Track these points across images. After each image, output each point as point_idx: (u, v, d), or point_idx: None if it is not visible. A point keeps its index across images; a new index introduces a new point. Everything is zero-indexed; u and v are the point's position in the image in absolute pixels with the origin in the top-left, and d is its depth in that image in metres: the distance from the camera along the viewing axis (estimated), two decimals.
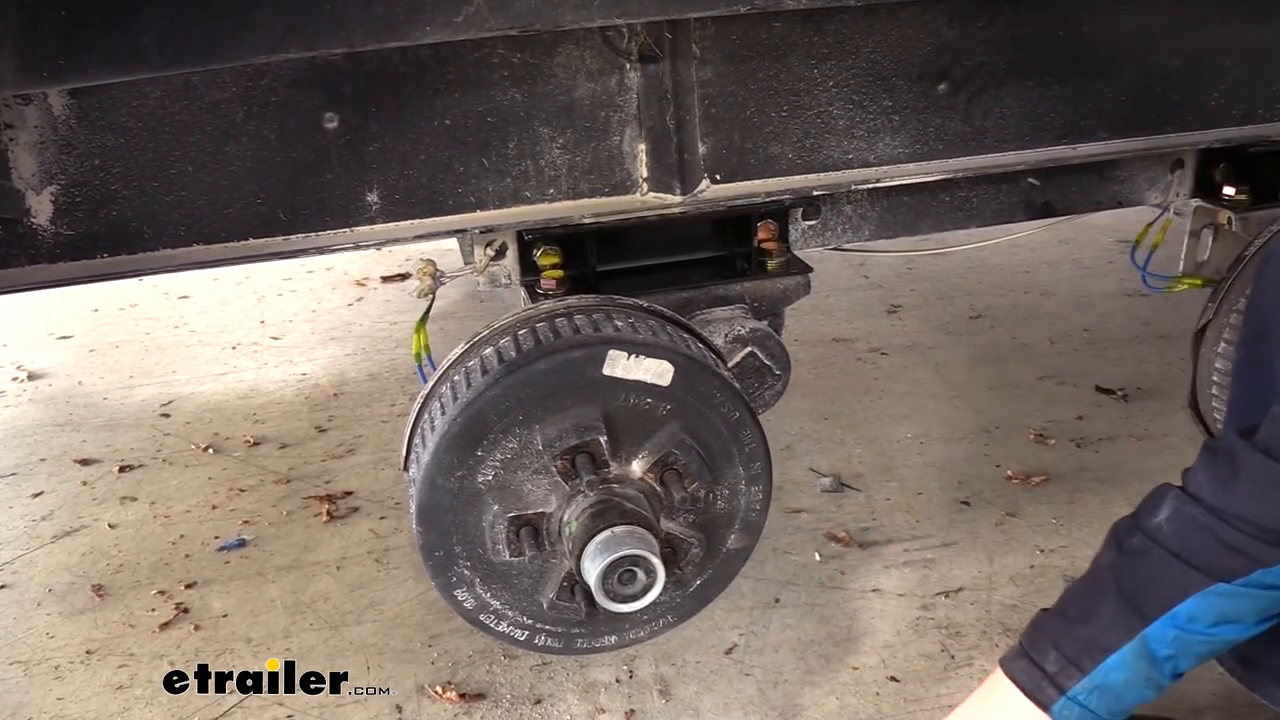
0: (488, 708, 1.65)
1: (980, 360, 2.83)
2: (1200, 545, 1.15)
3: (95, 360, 3.27)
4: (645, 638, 1.50)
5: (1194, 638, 1.15)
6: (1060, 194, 1.84)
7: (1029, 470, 2.24)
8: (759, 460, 1.41)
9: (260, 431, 2.66)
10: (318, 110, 1.30)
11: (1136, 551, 1.20)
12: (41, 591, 2.02)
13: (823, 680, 1.68)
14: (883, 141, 1.52)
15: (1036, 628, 1.25)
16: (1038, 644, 1.23)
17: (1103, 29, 1.53)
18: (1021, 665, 1.23)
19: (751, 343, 1.54)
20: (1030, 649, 1.23)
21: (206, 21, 1.01)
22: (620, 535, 1.25)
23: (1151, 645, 1.16)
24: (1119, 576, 1.20)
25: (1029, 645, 1.24)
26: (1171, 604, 1.14)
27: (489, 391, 1.26)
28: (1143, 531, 1.20)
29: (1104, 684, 1.17)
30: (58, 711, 1.69)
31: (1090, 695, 1.18)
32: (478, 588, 1.37)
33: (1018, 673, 1.23)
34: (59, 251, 1.28)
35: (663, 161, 1.44)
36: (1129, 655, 1.16)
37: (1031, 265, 3.60)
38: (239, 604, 1.94)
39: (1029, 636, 1.25)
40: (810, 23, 1.41)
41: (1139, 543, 1.20)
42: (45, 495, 2.39)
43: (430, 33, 1.08)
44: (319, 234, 1.37)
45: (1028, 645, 1.24)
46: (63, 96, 1.21)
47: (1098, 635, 1.19)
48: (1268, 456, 1.11)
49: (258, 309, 3.66)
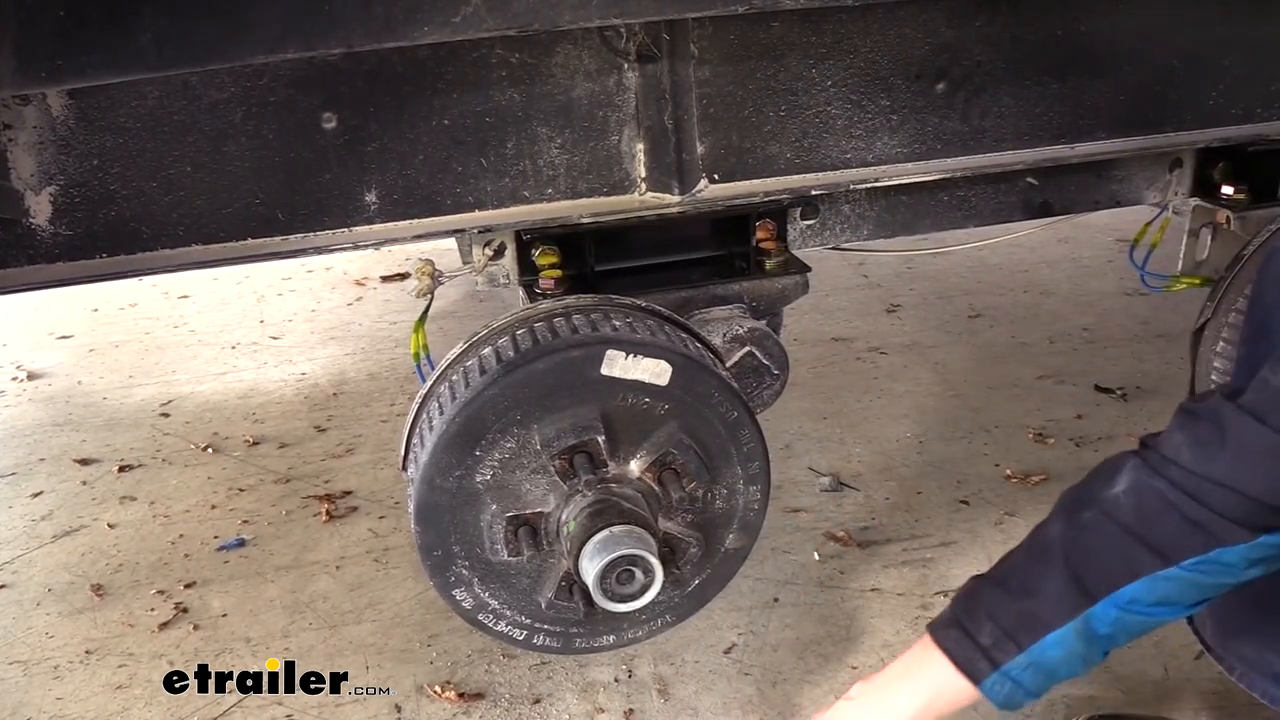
0: (486, 707, 1.65)
1: (979, 359, 2.83)
2: (1160, 522, 1.10)
3: (95, 360, 3.27)
4: (644, 637, 1.50)
5: (1134, 618, 1.12)
6: (1059, 193, 1.84)
7: (1028, 469, 2.24)
8: (757, 460, 1.41)
9: (259, 431, 2.66)
10: (316, 110, 1.30)
11: (1088, 526, 1.15)
12: (41, 591, 2.02)
13: (822, 680, 1.68)
14: (881, 141, 1.52)
15: (971, 596, 1.20)
16: (973, 614, 1.18)
17: (1101, 28, 1.53)
18: (953, 635, 1.18)
19: (750, 342, 1.54)
20: (964, 618, 1.18)
21: (205, 22, 1.01)
22: (618, 535, 1.25)
23: (1093, 624, 1.13)
24: (1067, 551, 1.15)
25: (963, 615, 1.19)
26: (1119, 585, 1.11)
27: (487, 391, 1.26)
28: (1096, 504, 1.15)
29: (1039, 661, 1.14)
30: (57, 711, 1.69)
31: (1024, 671, 1.15)
32: (476, 587, 1.38)
33: (949, 643, 1.18)
34: (58, 252, 1.28)
35: (661, 161, 1.44)
36: (1069, 634, 1.14)
37: (1030, 264, 3.61)
38: (238, 603, 1.95)
39: (963, 605, 1.20)
40: (808, 22, 1.41)
41: (1091, 517, 1.15)
42: (45, 495, 2.40)
43: (428, 33, 1.08)
44: (318, 234, 1.37)
45: (961, 614, 1.19)
46: (61, 97, 1.21)
47: (1039, 611, 1.15)
48: (1258, 421, 1.06)
49: (257, 309, 3.66)
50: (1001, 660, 1.15)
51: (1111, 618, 1.12)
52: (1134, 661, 1.67)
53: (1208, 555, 1.07)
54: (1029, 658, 1.14)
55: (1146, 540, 1.10)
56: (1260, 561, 1.08)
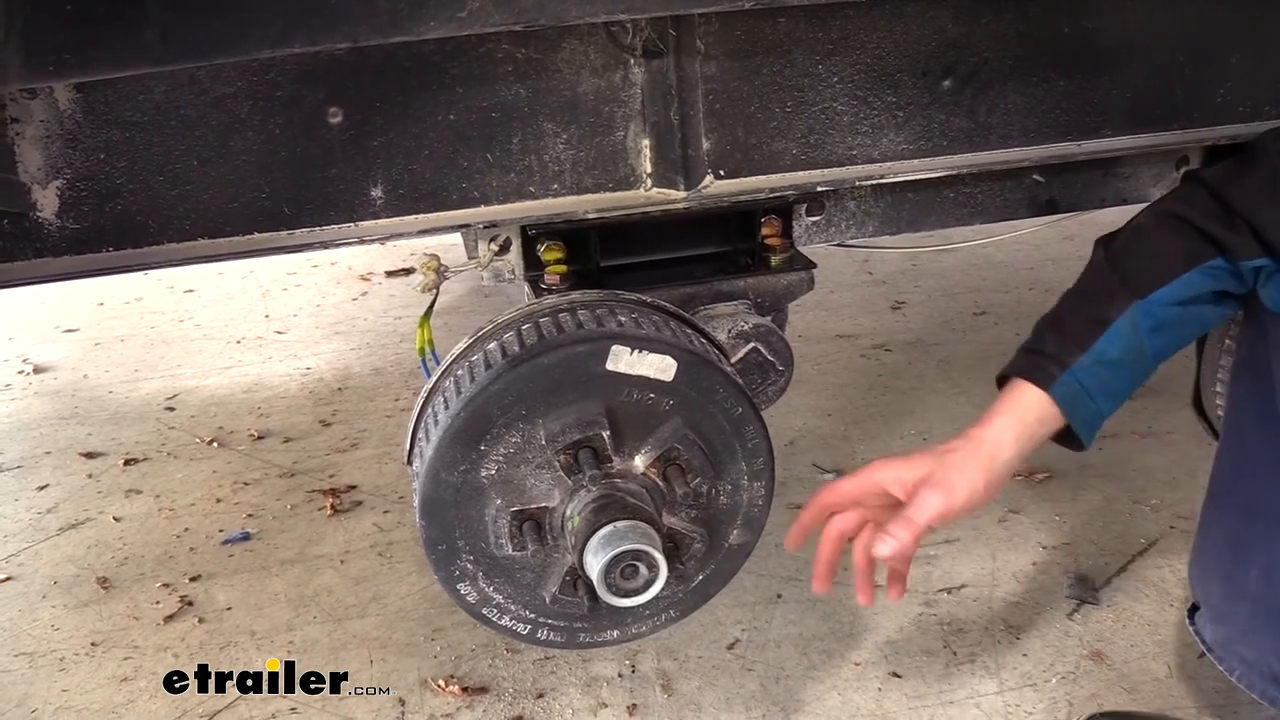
0: (490, 701, 1.65)
1: (984, 357, 2.83)
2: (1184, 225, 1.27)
3: (100, 354, 3.28)
4: (647, 632, 1.50)
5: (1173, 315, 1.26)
6: (1065, 190, 1.84)
7: (1032, 467, 2.24)
8: (762, 456, 1.41)
9: (264, 425, 2.67)
10: (322, 105, 1.30)
11: (1122, 244, 1.33)
12: (47, 584, 2.03)
13: (825, 676, 1.68)
14: (887, 137, 1.52)
15: (1034, 331, 1.32)
16: (1036, 338, 1.29)
17: (1108, 25, 1.53)
18: (1021, 359, 1.28)
19: (755, 338, 1.54)
20: (1029, 345, 1.29)
21: (211, 16, 1.01)
22: (623, 530, 1.25)
23: (1140, 319, 1.25)
24: (1111, 263, 1.31)
25: (1027, 344, 1.30)
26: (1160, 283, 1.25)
27: (492, 386, 1.27)
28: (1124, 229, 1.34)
29: (1101, 359, 1.24)
30: (63, 703, 1.70)
31: (1088, 372, 1.24)
32: (481, 582, 1.38)
33: (1017, 366, 1.27)
34: (65, 245, 1.28)
35: (667, 157, 1.44)
36: (1124, 327, 1.25)
37: (1036, 262, 3.60)
38: (243, 597, 1.95)
39: (1027, 341, 1.31)
40: (814, 18, 1.41)
41: (1125, 235, 1.33)
42: (51, 488, 2.40)
43: (434, 28, 1.08)
44: (323, 229, 1.37)
45: (1026, 345, 1.30)
46: (68, 91, 1.21)
47: (1094, 313, 1.26)
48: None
49: (262, 303, 3.67)
50: (1069, 360, 1.25)
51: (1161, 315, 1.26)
52: (1137, 660, 1.67)
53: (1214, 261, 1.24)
54: (1091, 357, 1.24)
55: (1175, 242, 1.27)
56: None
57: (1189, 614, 1.45)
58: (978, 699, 1.61)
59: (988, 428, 1.23)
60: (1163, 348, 1.29)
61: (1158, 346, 1.28)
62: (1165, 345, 1.29)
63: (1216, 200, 1.26)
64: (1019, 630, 1.76)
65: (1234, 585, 1.34)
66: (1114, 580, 1.89)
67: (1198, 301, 1.27)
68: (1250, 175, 1.25)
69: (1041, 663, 1.68)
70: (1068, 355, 1.24)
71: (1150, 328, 1.25)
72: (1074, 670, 1.66)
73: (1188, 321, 1.29)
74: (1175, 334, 1.29)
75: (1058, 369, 1.24)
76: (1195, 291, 1.26)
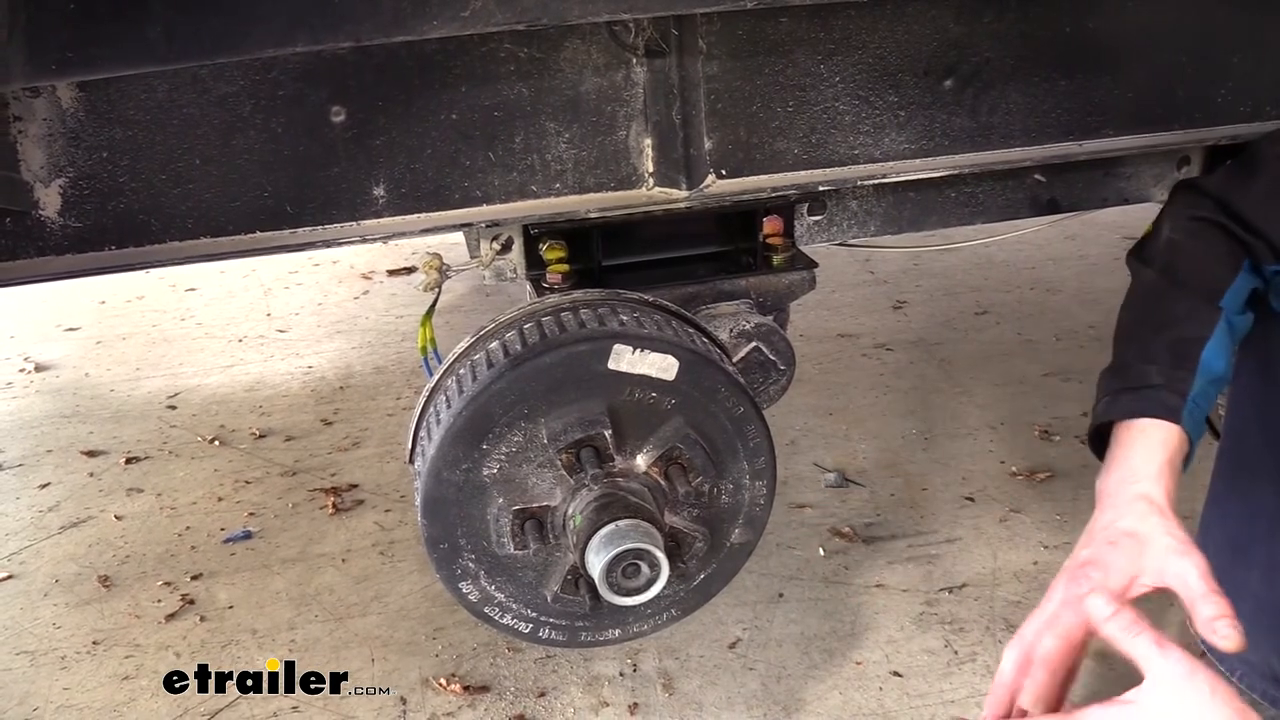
0: (492, 700, 1.65)
1: (985, 356, 2.83)
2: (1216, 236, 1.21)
3: (102, 352, 3.28)
4: (649, 631, 1.50)
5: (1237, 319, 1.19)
6: (1066, 190, 1.84)
7: (1033, 466, 2.24)
8: (763, 455, 1.41)
9: (266, 424, 2.67)
10: (325, 104, 1.30)
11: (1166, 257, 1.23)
12: (48, 582, 2.03)
13: (826, 675, 1.68)
14: (889, 137, 1.52)
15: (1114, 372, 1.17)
16: (1129, 377, 1.14)
17: (1110, 25, 1.53)
18: (1127, 400, 1.12)
19: (756, 338, 1.54)
20: (1128, 385, 1.13)
21: (214, 14, 1.01)
22: (624, 529, 1.25)
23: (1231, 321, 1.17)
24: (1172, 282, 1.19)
25: (1124, 384, 1.14)
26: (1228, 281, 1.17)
27: (494, 385, 1.27)
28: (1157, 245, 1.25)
29: (1210, 377, 1.13)
30: (64, 701, 1.70)
31: (1202, 394, 1.13)
32: (482, 581, 1.38)
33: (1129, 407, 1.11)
34: (67, 244, 1.28)
35: (669, 156, 1.44)
36: (1222, 335, 1.14)
37: (1037, 261, 3.60)
38: (244, 596, 1.95)
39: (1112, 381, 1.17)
40: (816, 18, 1.41)
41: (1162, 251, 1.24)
42: (52, 486, 2.41)
43: (437, 27, 1.08)
44: (325, 227, 1.37)
45: (1123, 385, 1.14)
46: (71, 89, 1.21)
47: (1186, 333, 1.14)
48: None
49: (264, 302, 3.67)
50: (1184, 388, 1.12)
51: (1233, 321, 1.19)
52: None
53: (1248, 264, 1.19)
54: (1202, 377, 1.13)
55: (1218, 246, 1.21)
56: None
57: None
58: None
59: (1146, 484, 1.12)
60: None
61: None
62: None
63: (1225, 209, 1.23)
64: None
65: (1235, 585, 1.34)
66: None
67: (1247, 303, 1.22)
68: (1254, 183, 1.22)
69: None
70: (1180, 383, 1.11)
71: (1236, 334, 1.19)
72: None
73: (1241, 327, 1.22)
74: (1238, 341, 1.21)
75: (1178, 399, 1.11)
76: (1248, 292, 1.20)
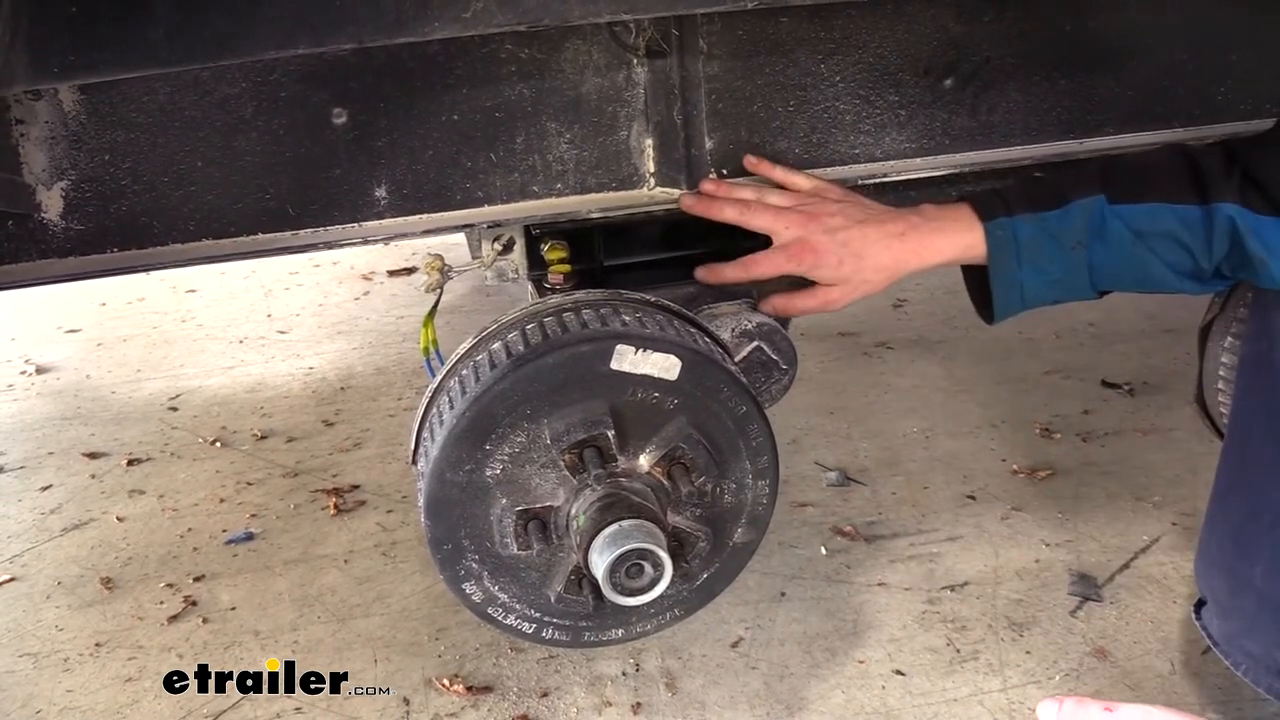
0: (495, 700, 1.65)
1: (986, 354, 2.83)
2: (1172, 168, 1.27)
3: (103, 354, 3.28)
4: (652, 631, 1.50)
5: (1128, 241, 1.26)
6: None
7: (1034, 464, 2.24)
8: (765, 454, 1.41)
9: (267, 425, 2.67)
10: (326, 106, 1.30)
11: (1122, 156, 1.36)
12: (50, 584, 2.03)
13: (828, 674, 1.68)
14: (889, 136, 1.52)
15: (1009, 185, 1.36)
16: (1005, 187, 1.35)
17: (1109, 23, 1.53)
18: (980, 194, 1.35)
19: (758, 337, 1.54)
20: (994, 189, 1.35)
21: (216, 17, 1.02)
22: (628, 529, 1.25)
23: (1097, 219, 1.26)
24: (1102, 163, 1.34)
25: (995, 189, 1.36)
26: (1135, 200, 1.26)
27: (497, 386, 1.27)
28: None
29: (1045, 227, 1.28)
30: (67, 703, 1.70)
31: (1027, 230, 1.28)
32: (485, 581, 1.38)
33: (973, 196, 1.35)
34: (69, 246, 1.29)
35: (670, 156, 1.45)
36: (1077, 210, 1.26)
37: None
38: (247, 597, 1.95)
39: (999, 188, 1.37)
40: (817, 18, 1.41)
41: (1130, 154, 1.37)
42: (54, 488, 2.41)
43: (439, 28, 1.08)
44: (327, 229, 1.37)
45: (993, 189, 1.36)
46: (73, 92, 1.22)
47: (1062, 186, 1.29)
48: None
49: (265, 303, 3.67)
50: (1016, 211, 1.30)
51: (1115, 230, 1.26)
52: (1141, 657, 1.68)
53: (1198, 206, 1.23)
54: (1038, 219, 1.29)
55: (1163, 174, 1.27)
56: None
57: (1195, 609, 1.45)
58: (981, 696, 1.61)
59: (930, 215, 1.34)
60: (1102, 264, 1.29)
61: (1098, 259, 1.28)
62: (1104, 264, 1.29)
63: (1226, 153, 1.27)
64: (1022, 628, 1.76)
65: (1239, 580, 1.34)
66: (1117, 577, 1.89)
67: (1152, 240, 1.26)
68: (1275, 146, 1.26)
69: (1045, 660, 1.68)
70: (1018, 206, 1.29)
71: (1100, 231, 1.26)
72: (1077, 667, 1.66)
73: (1134, 257, 1.28)
74: (1117, 261, 1.29)
75: (1004, 212, 1.29)
76: (1155, 227, 1.26)
